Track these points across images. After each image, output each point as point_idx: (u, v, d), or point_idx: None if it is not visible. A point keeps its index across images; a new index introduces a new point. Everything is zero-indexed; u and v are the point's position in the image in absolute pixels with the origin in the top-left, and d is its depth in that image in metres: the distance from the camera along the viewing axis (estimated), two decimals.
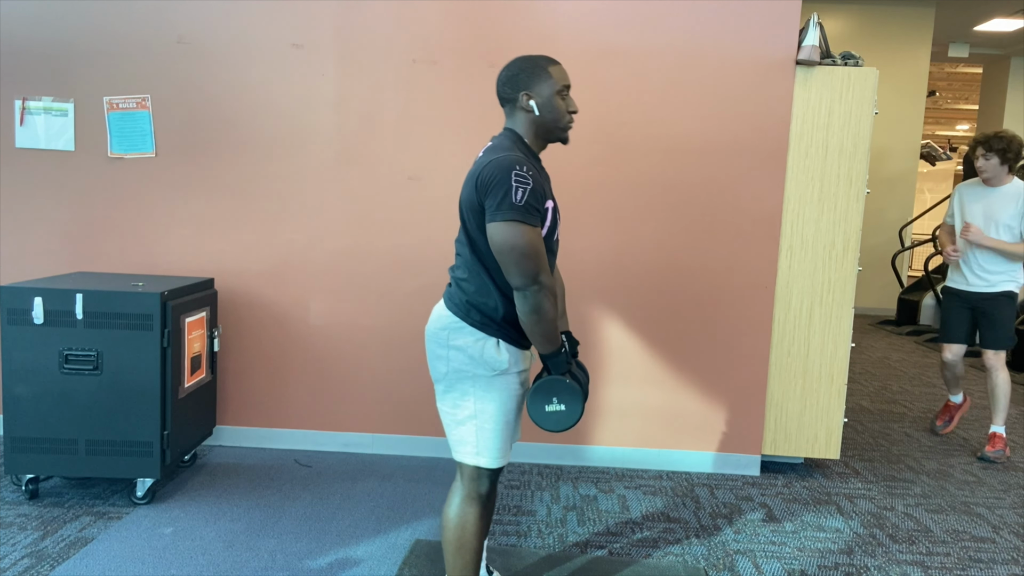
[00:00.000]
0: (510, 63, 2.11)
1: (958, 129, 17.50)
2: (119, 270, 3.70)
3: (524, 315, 1.98)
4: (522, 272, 1.94)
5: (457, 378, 2.09)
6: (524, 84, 2.07)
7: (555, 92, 2.07)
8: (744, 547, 2.95)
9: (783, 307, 3.62)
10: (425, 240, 3.64)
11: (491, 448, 2.10)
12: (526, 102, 2.07)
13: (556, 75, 2.08)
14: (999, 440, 4.10)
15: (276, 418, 3.76)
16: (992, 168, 4.01)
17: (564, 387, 2.01)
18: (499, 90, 2.12)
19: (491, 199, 1.93)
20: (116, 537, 2.79)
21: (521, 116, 2.09)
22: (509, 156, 1.96)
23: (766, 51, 3.50)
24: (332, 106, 3.60)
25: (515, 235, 1.92)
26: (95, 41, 3.60)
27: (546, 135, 2.12)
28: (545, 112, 2.08)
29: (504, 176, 1.92)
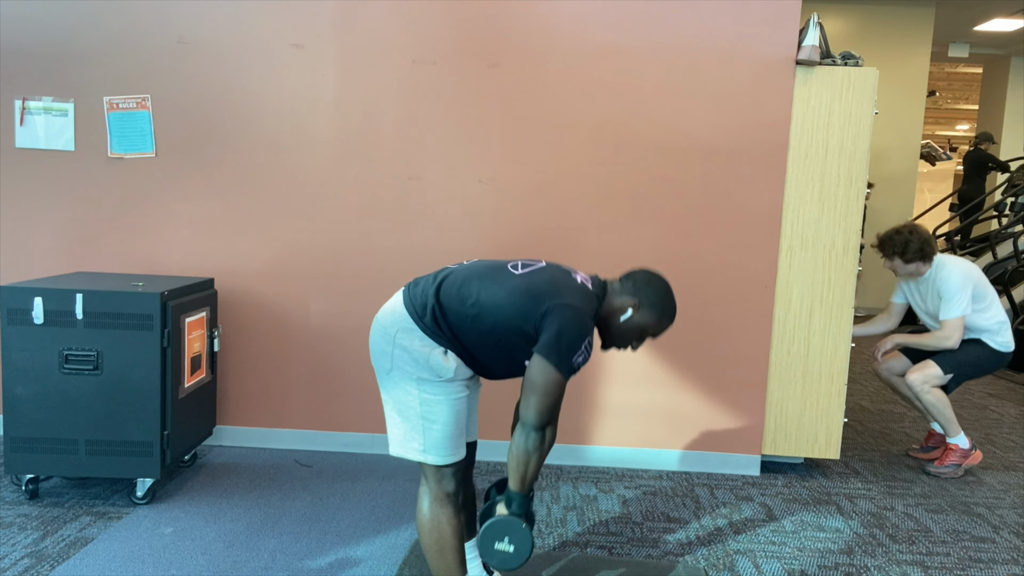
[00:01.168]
0: (661, 278, 2.18)
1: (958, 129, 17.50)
2: (119, 270, 3.70)
3: (519, 450, 2.01)
4: (540, 414, 1.98)
5: (402, 376, 2.08)
6: (644, 298, 2.13)
7: (642, 329, 2.15)
8: (744, 547, 2.95)
9: (783, 307, 3.62)
10: (425, 240, 3.64)
11: (439, 447, 2.09)
12: (627, 305, 2.13)
13: (659, 327, 2.17)
14: (952, 453, 3.80)
15: (276, 418, 3.76)
16: (900, 269, 3.82)
17: (519, 531, 2.01)
18: (635, 274, 2.17)
19: (552, 339, 1.97)
20: (116, 537, 2.79)
21: (616, 302, 2.14)
22: (587, 322, 2.03)
23: (766, 51, 3.49)
24: (332, 106, 3.60)
25: (554, 383, 1.97)
26: (95, 41, 3.60)
27: (604, 329, 2.17)
28: (623, 326, 2.14)
29: (576, 334, 1.98)
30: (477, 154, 3.60)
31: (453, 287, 2.08)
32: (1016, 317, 6.83)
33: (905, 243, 3.73)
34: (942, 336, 3.76)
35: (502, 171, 3.60)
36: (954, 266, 3.75)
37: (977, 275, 3.77)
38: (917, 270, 3.81)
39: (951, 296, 3.71)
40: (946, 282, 3.73)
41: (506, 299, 2.03)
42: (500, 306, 2.03)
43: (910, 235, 3.74)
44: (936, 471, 3.81)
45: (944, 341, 3.75)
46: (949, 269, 3.75)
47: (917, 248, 3.72)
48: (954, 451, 3.82)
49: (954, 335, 3.73)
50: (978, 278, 3.77)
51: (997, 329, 3.81)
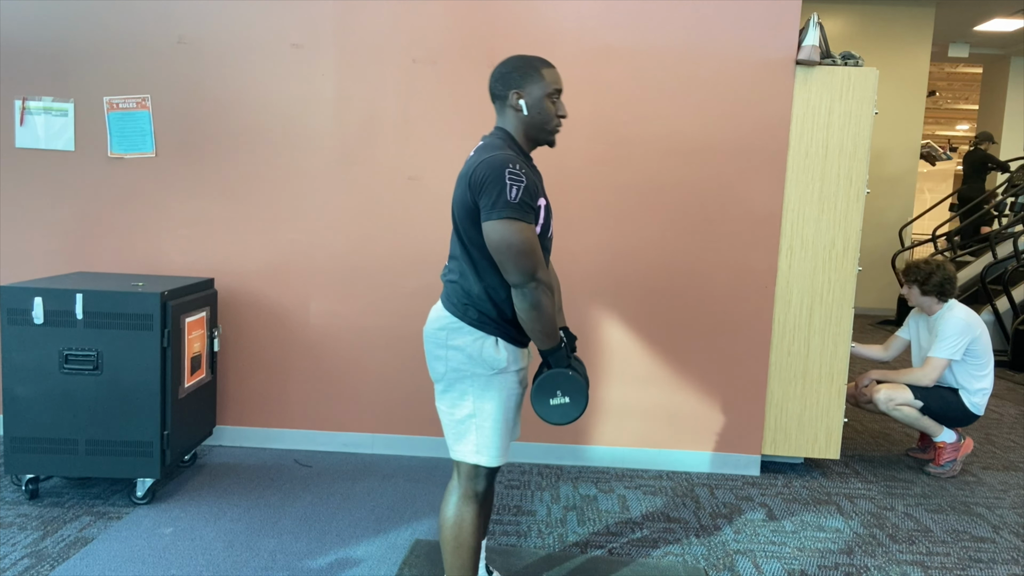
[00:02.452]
0: (504, 61, 2.11)
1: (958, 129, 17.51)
2: (119, 270, 3.70)
3: (523, 311, 1.99)
4: (519, 269, 1.95)
5: (456, 377, 2.10)
6: (516, 83, 2.07)
7: (546, 94, 2.08)
8: (744, 547, 2.95)
9: (783, 307, 3.62)
10: (425, 240, 3.63)
11: (491, 447, 2.10)
12: (516, 101, 2.07)
13: (548, 77, 2.08)
14: (943, 451, 3.82)
15: (276, 418, 3.76)
16: (915, 298, 3.87)
17: (567, 380, 2.02)
18: (491, 86, 2.12)
19: (485, 198, 1.94)
20: (116, 537, 2.79)
21: (511, 115, 2.10)
22: (501, 155, 1.97)
23: (766, 51, 3.49)
24: (332, 106, 3.60)
25: (511, 233, 1.93)
26: (95, 41, 3.60)
27: (534, 136, 2.12)
28: (534, 113, 2.08)
29: (497, 174, 1.92)
30: None
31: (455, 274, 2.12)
32: (1016, 317, 6.84)
33: (929, 274, 3.80)
34: (920, 373, 3.79)
35: None
36: (963, 313, 3.80)
37: (981, 332, 3.79)
38: (930, 306, 3.86)
39: (946, 336, 3.75)
40: (948, 323, 3.76)
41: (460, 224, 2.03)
42: (463, 232, 2.03)
43: (936, 269, 3.80)
44: (936, 471, 3.82)
45: (921, 378, 3.78)
46: (956, 313, 3.80)
47: (938, 282, 3.78)
48: (944, 448, 3.83)
49: (932, 375, 3.76)
50: (980, 335, 3.78)
51: (979, 393, 3.82)
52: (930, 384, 3.78)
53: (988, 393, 3.83)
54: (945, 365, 3.75)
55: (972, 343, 3.76)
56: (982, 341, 3.78)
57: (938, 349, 3.75)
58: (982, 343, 3.78)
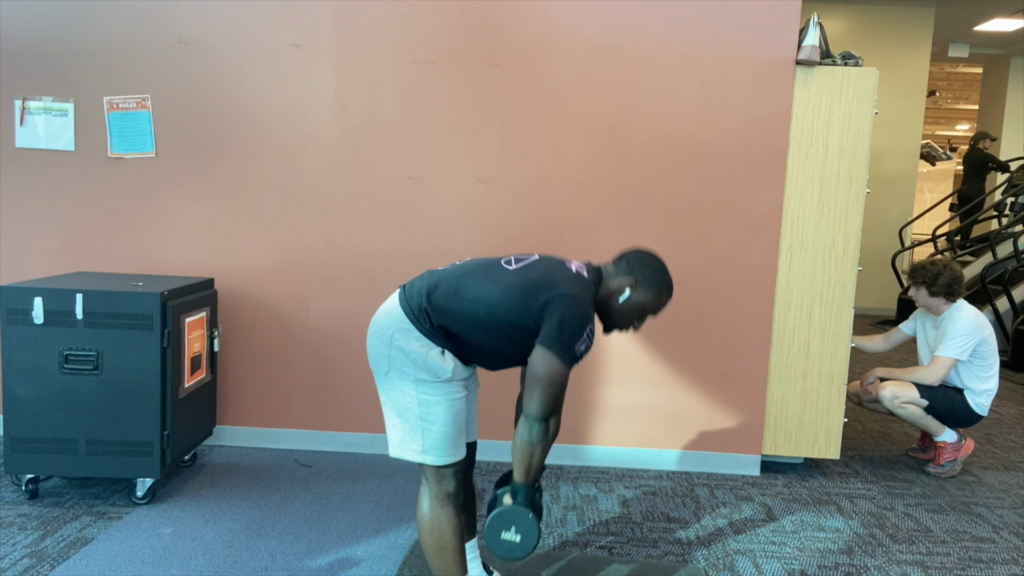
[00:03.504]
0: (654, 255, 2.18)
1: (958, 129, 17.51)
2: (119, 270, 3.70)
3: (522, 442, 2.00)
4: (544, 405, 1.98)
5: (399, 377, 2.08)
6: (640, 277, 2.13)
7: (642, 307, 2.15)
8: (744, 547, 2.95)
9: (783, 307, 3.62)
10: (425, 240, 3.64)
11: (437, 447, 2.08)
12: (622, 286, 2.13)
13: (659, 302, 2.17)
14: (944, 451, 3.82)
15: (276, 418, 3.76)
16: (923, 299, 3.87)
17: (525, 520, 2.01)
18: (628, 254, 2.17)
19: (554, 329, 1.97)
20: (116, 537, 2.79)
21: (612, 284, 2.15)
22: (587, 309, 2.02)
23: (766, 51, 3.49)
24: (332, 106, 3.60)
25: (557, 373, 1.97)
26: (95, 41, 3.60)
27: (603, 313, 2.17)
28: (623, 307, 2.14)
29: (577, 323, 1.98)
30: (477, 154, 3.60)
31: (448, 288, 2.08)
32: (1016, 317, 6.84)
33: (936, 275, 3.79)
34: (927, 372, 3.77)
35: (502, 171, 3.60)
36: (972, 314, 3.79)
37: (988, 333, 3.78)
38: (938, 307, 3.86)
39: (954, 336, 3.73)
40: (957, 323, 3.75)
41: (503, 295, 2.03)
42: (498, 302, 2.03)
43: (943, 269, 3.80)
44: (936, 471, 3.82)
45: (927, 376, 3.76)
46: (965, 314, 3.79)
47: (946, 283, 3.78)
48: (944, 448, 3.82)
49: (939, 373, 3.74)
50: (988, 336, 3.77)
51: (984, 394, 3.82)
52: (936, 383, 3.76)
53: (993, 394, 3.82)
54: (952, 365, 3.74)
55: (980, 344, 3.75)
56: (990, 342, 3.78)
57: (946, 348, 3.74)
58: (990, 344, 3.78)
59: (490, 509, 2.10)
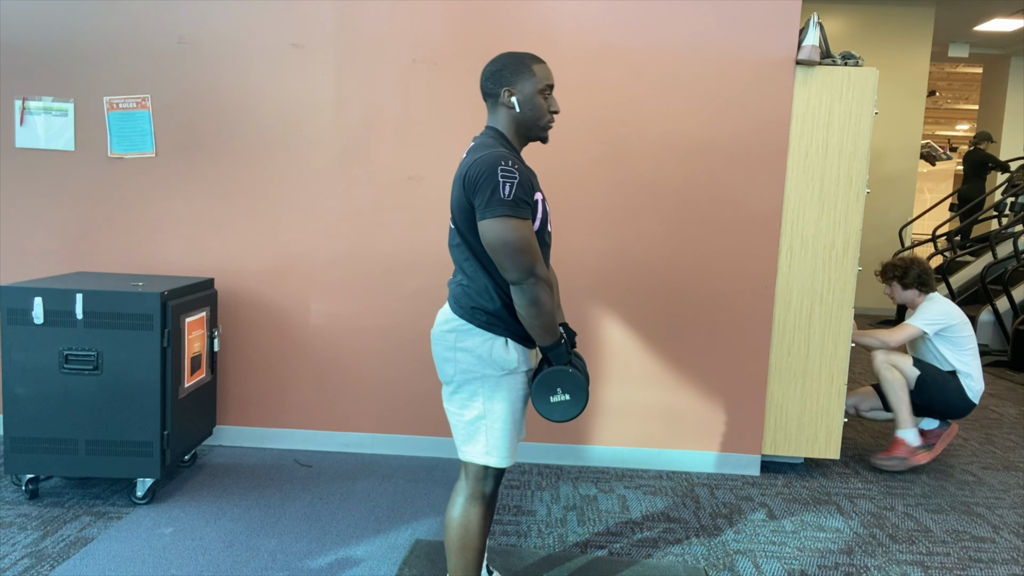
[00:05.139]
0: (495, 59, 2.11)
1: (958, 129, 17.51)
2: (119, 270, 3.70)
3: (522, 308, 1.99)
4: (517, 266, 1.95)
5: (465, 379, 2.10)
6: (507, 80, 2.07)
7: (537, 91, 2.07)
8: (744, 547, 2.95)
9: (783, 307, 3.62)
10: (425, 240, 3.63)
11: (500, 448, 2.10)
12: (507, 99, 2.07)
13: (540, 74, 2.08)
14: (899, 447, 3.79)
15: (276, 418, 3.76)
16: (898, 294, 3.99)
17: (567, 377, 2.01)
18: (482, 85, 2.12)
19: (479, 197, 1.94)
20: (116, 537, 2.79)
21: (503, 113, 2.10)
22: (493, 152, 1.97)
23: (766, 51, 3.49)
24: (332, 106, 3.60)
25: (507, 230, 1.92)
26: (95, 41, 3.60)
27: (526, 133, 2.13)
28: (526, 110, 2.08)
29: (490, 172, 1.92)
30: None
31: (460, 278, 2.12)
32: (1016, 317, 6.84)
33: (906, 269, 3.93)
34: (889, 332, 3.89)
35: None
36: (943, 300, 3.93)
37: (961, 321, 3.88)
38: (912, 300, 3.98)
39: (923, 312, 3.89)
40: (928, 304, 3.90)
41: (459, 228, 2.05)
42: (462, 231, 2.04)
43: (912, 263, 3.94)
44: (878, 463, 3.81)
45: (888, 336, 3.87)
46: (938, 300, 3.93)
47: (916, 275, 3.92)
48: (900, 445, 3.80)
49: (899, 335, 3.86)
50: (960, 323, 3.88)
51: (974, 376, 3.88)
52: (895, 344, 3.86)
53: (980, 379, 3.89)
54: (915, 333, 3.85)
55: (949, 328, 3.85)
56: (963, 329, 3.88)
57: (914, 319, 3.90)
58: (964, 332, 3.88)
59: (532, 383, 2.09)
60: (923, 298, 3.95)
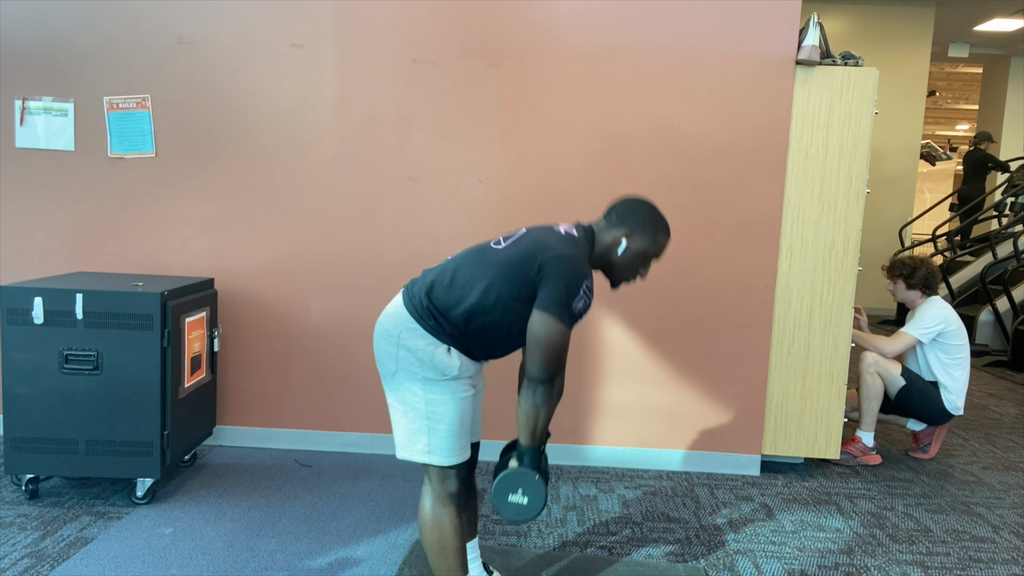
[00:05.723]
0: (641, 199, 2.17)
1: (958, 129, 17.51)
2: (119, 270, 3.70)
3: (527, 405, 2.00)
4: (546, 367, 1.98)
5: (406, 377, 2.08)
6: (633, 225, 2.12)
7: (642, 254, 2.14)
8: (744, 547, 2.95)
9: (783, 307, 3.62)
10: (425, 240, 3.64)
11: (443, 447, 2.09)
12: (619, 237, 2.13)
13: (659, 244, 2.15)
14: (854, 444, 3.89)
15: (276, 418, 3.76)
16: (900, 293, 4.03)
17: (532, 484, 2.02)
18: (615, 205, 2.17)
19: (550, 290, 1.97)
20: (116, 537, 2.79)
21: (607, 238, 2.14)
22: (581, 266, 2.01)
23: (766, 51, 3.49)
24: (332, 106, 3.60)
25: (556, 333, 1.97)
26: (95, 41, 3.60)
27: (606, 269, 2.17)
28: (624, 258, 2.14)
29: (572, 283, 1.98)
30: (477, 154, 3.60)
31: (443, 281, 2.09)
32: (1016, 317, 6.84)
33: (914, 269, 3.96)
34: (886, 341, 3.93)
35: (502, 171, 3.60)
36: (942, 305, 3.96)
37: (956, 327, 3.93)
38: (913, 300, 4.02)
39: (920, 319, 3.92)
40: (926, 309, 3.95)
41: (498, 274, 2.03)
42: (494, 282, 2.03)
43: (920, 264, 3.97)
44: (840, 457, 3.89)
45: (884, 344, 3.92)
46: (936, 304, 3.96)
47: (923, 276, 3.94)
48: (856, 443, 3.91)
49: (895, 345, 3.91)
50: (956, 330, 3.92)
51: (956, 392, 3.93)
52: (889, 354, 3.92)
53: (964, 392, 3.94)
54: (911, 342, 3.91)
55: (943, 334, 3.90)
56: (958, 336, 3.93)
57: (910, 327, 3.95)
58: (958, 339, 3.93)
59: (497, 472, 2.09)
60: (924, 300, 3.99)
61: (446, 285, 2.07)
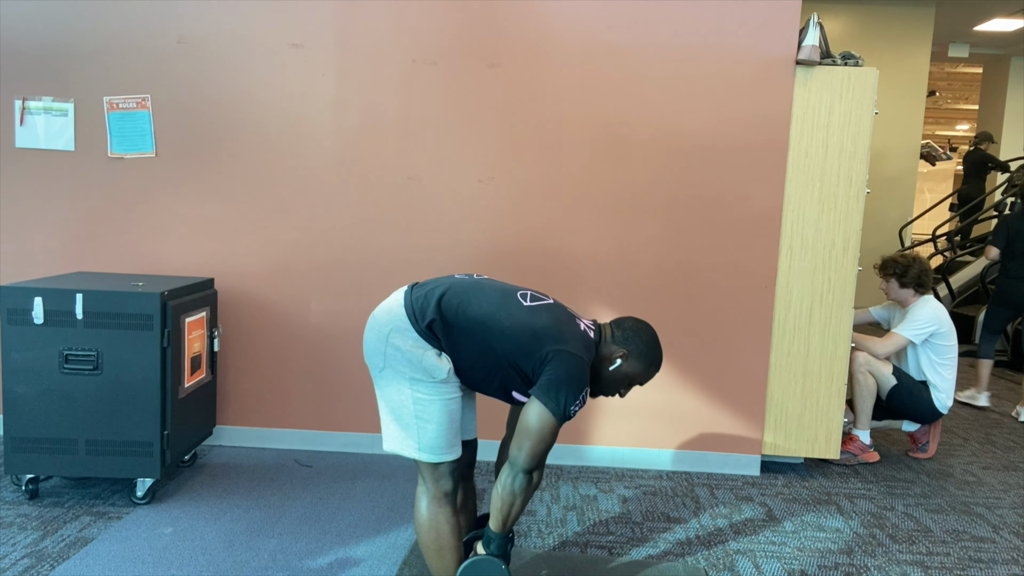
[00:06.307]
0: (649, 328, 2.21)
1: (958, 129, 17.51)
2: (119, 270, 3.70)
3: (504, 491, 2.03)
4: (532, 458, 2.02)
5: (394, 375, 2.08)
6: (631, 350, 2.16)
7: (630, 377, 2.19)
8: (744, 547, 2.95)
9: (783, 307, 3.62)
10: (424, 240, 3.64)
11: (433, 445, 2.09)
12: (615, 356, 2.16)
13: (646, 375, 2.21)
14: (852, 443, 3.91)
15: (276, 418, 3.76)
16: (893, 291, 4.05)
17: (497, 571, 2.05)
18: (625, 322, 2.21)
19: (553, 385, 1.99)
20: (116, 537, 2.79)
21: (607, 351, 2.17)
22: (583, 374, 2.05)
23: (766, 51, 3.50)
24: (332, 106, 3.60)
25: (548, 426, 2.00)
26: (95, 41, 3.60)
27: (594, 375, 2.18)
28: (611, 376, 2.17)
29: (575, 384, 2.01)
30: (477, 154, 3.60)
31: (456, 300, 2.08)
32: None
33: (907, 267, 3.98)
34: (878, 341, 3.96)
35: (502, 171, 3.60)
36: (935, 305, 3.98)
37: (948, 328, 3.97)
38: (906, 299, 4.04)
39: (913, 320, 3.95)
40: (920, 309, 3.97)
41: (509, 330, 2.04)
42: (503, 336, 2.04)
43: (913, 262, 3.99)
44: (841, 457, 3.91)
45: (877, 345, 3.94)
46: (929, 304, 3.99)
47: (916, 275, 3.96)
48: (854, 441, 3.93)
49: (887, 345, 3.94)
50: (948, 330, 3.96)
51: (945, 391, 3.98)
52: (882, 355, 3.94)
53: (953, 389, 3.99)
54: (904, 343, 3.94)
55: (936, 335, 3.93)
56: (949, 337, 3.96)
57: (903, 328, 3.96)
58: (949, 339, 3.96)
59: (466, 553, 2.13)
60: (916, 299, 4.01)
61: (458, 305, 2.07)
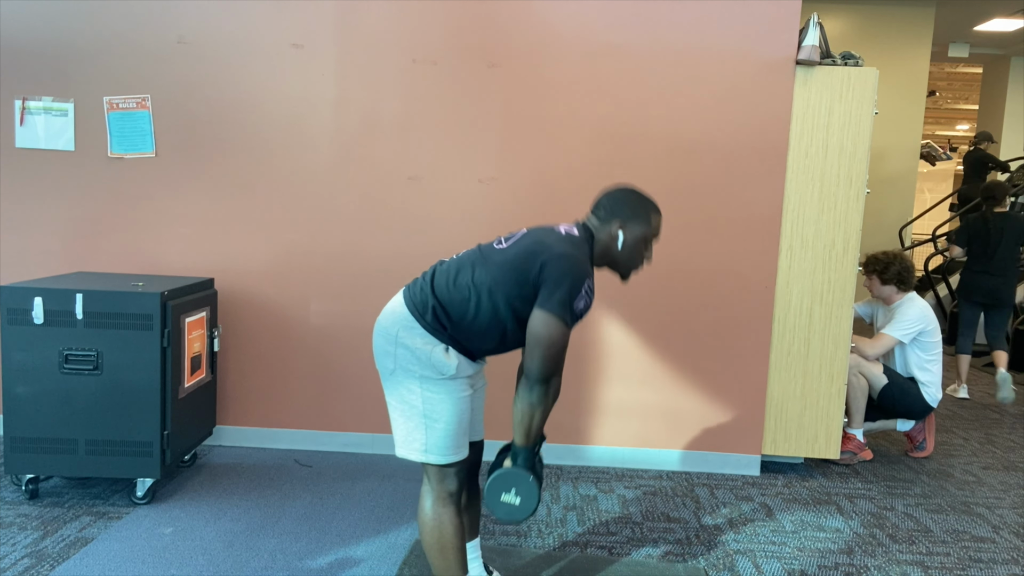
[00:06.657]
0: (622, 188, 2.16)
1: (958, 129, 17.50)
2: (119, 270, 3.70)
3: (523, 405, 2.00)
4: (544, 366, 1.98)
5: (405, 376, 2.08)
6: (623, 215, 2.12)
7: (641, 240, 2.13)
8: (744, 547, 2.95)
9: (783, 307, 3.62)
10: (424, 240, 3.64)
11: (440, 446, 2.09)
12: (615, 231, 2.12)
13: (653, 223, 2.14)
14: (849, 442, 3.92)
15: (276, 418, 3.76)
16: (876, 288, 4.09)
17: (526, 483, 2.02)
18: (600, 201, 2.16)
19: (550, 290, 1.97)
20: (116, 537, 2.79)
21: (603, 235, 2.13)
22: (583, 266, 2.01)
23: (766, 51, 3.50)
24: (332, 106, 3.60)
25: (557, 333, 1.97)
26: (95, 41, 3.60)
27: (612, 265, 2.16)
28: (624, 251, 2.13)
29: (574, 282, 1.98)
30: (477, 154, 3.60)
31: (446, 279, 2.09)
32: (1016, 317, 6.84)
33: (887, 264, 4.03)
34: (868, 343, 4.00)
35: (502, 171, 3.60)
36: (921, 304, 4.03)
37: (935, 326, 4.03)
38: (889, 295, 4.08)
39: (901, 320, 3.99)
40: (907, 308, 4.02)
41: (500, 273, 2.04)
42: (497, 281, 2.03)
43: (894, 259, 4.04)
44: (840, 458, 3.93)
45: (866, 347, 3.98)
46: (916, 303, 4.04)
47: (896, 272, 4.01)
48: (851, 440, 3.95)
49: (877, 348, 3.98)
50: (933, 328, 4.02)
51: (933, 384, 4.02)
52: (872, 356, 3.97)
53: (939, 384, 4.04)
54: (893, 343, 3.98)
55: (924, 334, 3.99)
56: (934, 334, 4.03)
57: (892, 328, 3.99)
58: (934, 337, 4.02)
59: (491, 472, 2.09)
60: (900, 296, 4.05)
61: (450, 285, 2.08)
